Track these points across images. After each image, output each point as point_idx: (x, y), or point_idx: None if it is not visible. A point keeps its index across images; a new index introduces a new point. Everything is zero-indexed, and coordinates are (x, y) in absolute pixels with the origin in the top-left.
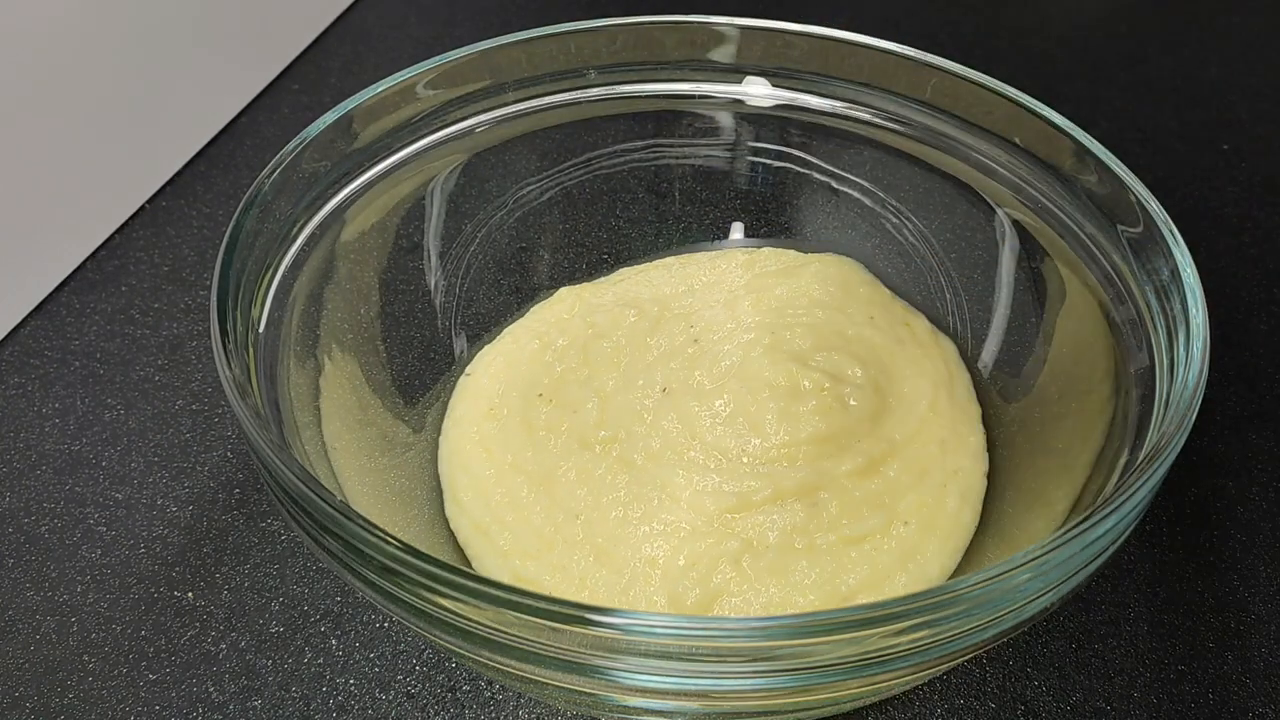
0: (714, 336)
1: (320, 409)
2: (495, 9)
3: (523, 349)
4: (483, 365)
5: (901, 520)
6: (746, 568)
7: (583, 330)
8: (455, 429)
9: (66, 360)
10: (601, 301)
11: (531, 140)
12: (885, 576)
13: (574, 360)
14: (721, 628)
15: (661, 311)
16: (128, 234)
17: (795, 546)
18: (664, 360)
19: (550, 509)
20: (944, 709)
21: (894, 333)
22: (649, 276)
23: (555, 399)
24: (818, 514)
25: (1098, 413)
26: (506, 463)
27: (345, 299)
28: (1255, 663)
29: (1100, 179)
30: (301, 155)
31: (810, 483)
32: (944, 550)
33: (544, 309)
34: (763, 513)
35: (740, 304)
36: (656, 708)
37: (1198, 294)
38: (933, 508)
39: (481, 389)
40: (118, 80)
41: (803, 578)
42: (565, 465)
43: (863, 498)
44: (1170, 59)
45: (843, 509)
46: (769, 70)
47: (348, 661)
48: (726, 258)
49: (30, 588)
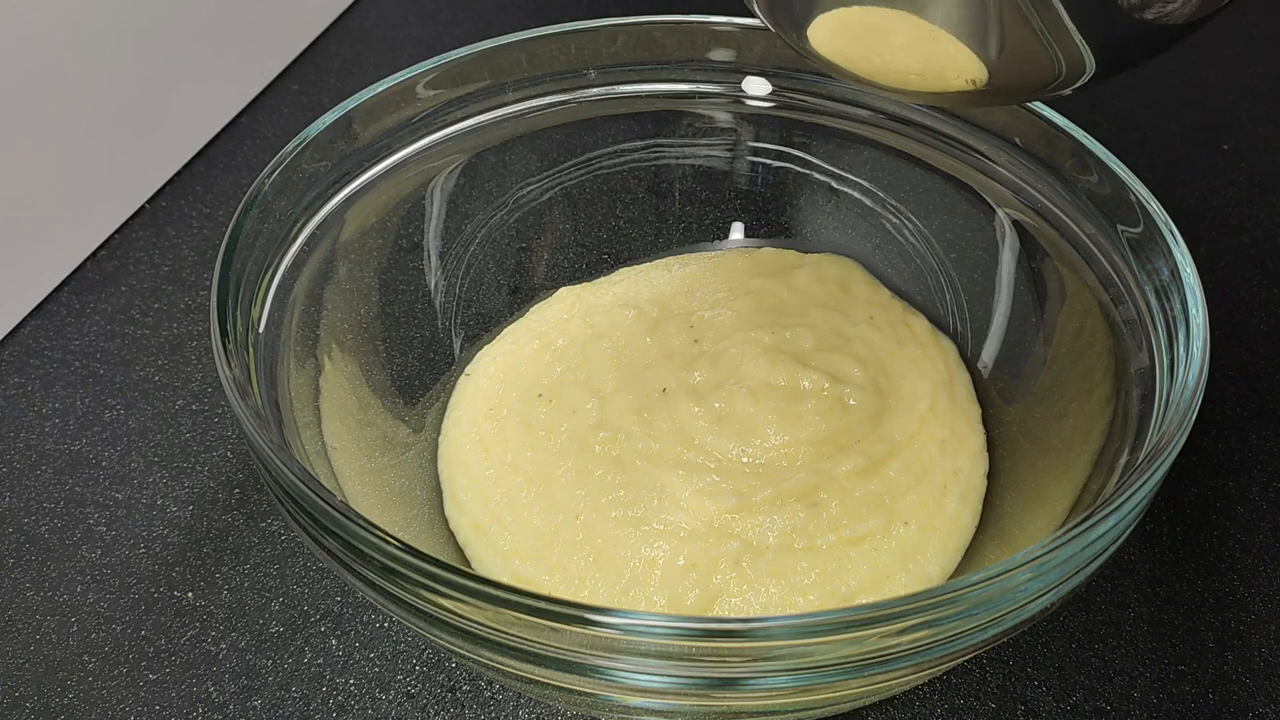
0: (714, 337)
1: (320, 409)
2: (495, 9)
3: (522, 349)
4: (482, 365)
5: (901, 520)
6: (746, 568)
7: (582, 330)
8: (455, 429)
9: (66, 360)
10: (601, 302)
11: (531, 140)
12: (885, 576)
13: (573, 360)
14: (721, 628)
15: (661, 312)
16: (128, 234)
17: (795, 547)
18: (664, 361)
19: (549, 510)
20: (944, 709)
21: (894, 333)
22: (649, 277)
23: (555, 399)
24: (818, 514)
25: (1098, 413)
26: (506, 463)
27: (345, 299)
28: (1255, 663)
29: (1100, 179)
30: (301, 155)
31: (810, 484)
32: (944, 550)
33: (544, 309)
34: (762, 513)
35: (740, 304)
36: (656, 708)
37: (1198, 294)
38: (933, 508)
39: (481, 389)
40: (118, 80)
41: (803, 578)
42: (564, 466)
43: (863, 498)
44: (1170, 59)
45: (843, 509)
46: (769, 70)
47: (348, 661)
48: (726, 258)
49: (30, 588)
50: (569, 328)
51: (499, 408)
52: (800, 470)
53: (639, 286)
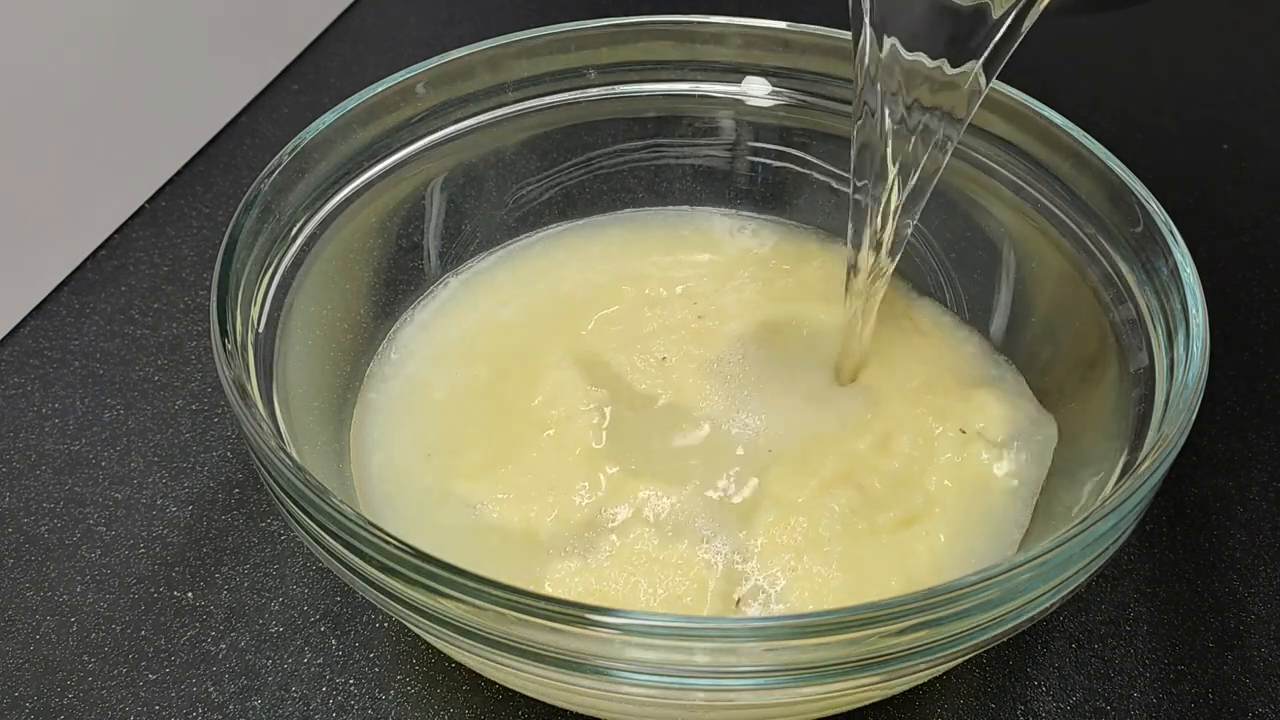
0: (718, 316)
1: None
2: (495, 9)
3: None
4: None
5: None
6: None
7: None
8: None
9: (66, 360)
10: (599, 279)
11: (531, 140)
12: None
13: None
14: (721, 628)
15: (664, 290)
16: (128, 234)
17: (858, 529)
18: (665, 332)
19: (567, 491)
20: (944, 709)
21: (897, 324)
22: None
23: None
24: (864, 496)
25: (1097, 413)
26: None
27: (345, 299)
28: (1255, 663)
29: (1100, 179)
30: (301, 155)
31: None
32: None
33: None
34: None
35: (746, 291)
36: (656, 706)
37: (1198, 294)
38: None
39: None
40: (118, 80)
41: (868, 563)
42: (577, 451)
43: (893, 473)
44: (1170, 59)
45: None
46: (769, 70)
47: (348, 661)
48: (731, 244)
49: (30, 588)
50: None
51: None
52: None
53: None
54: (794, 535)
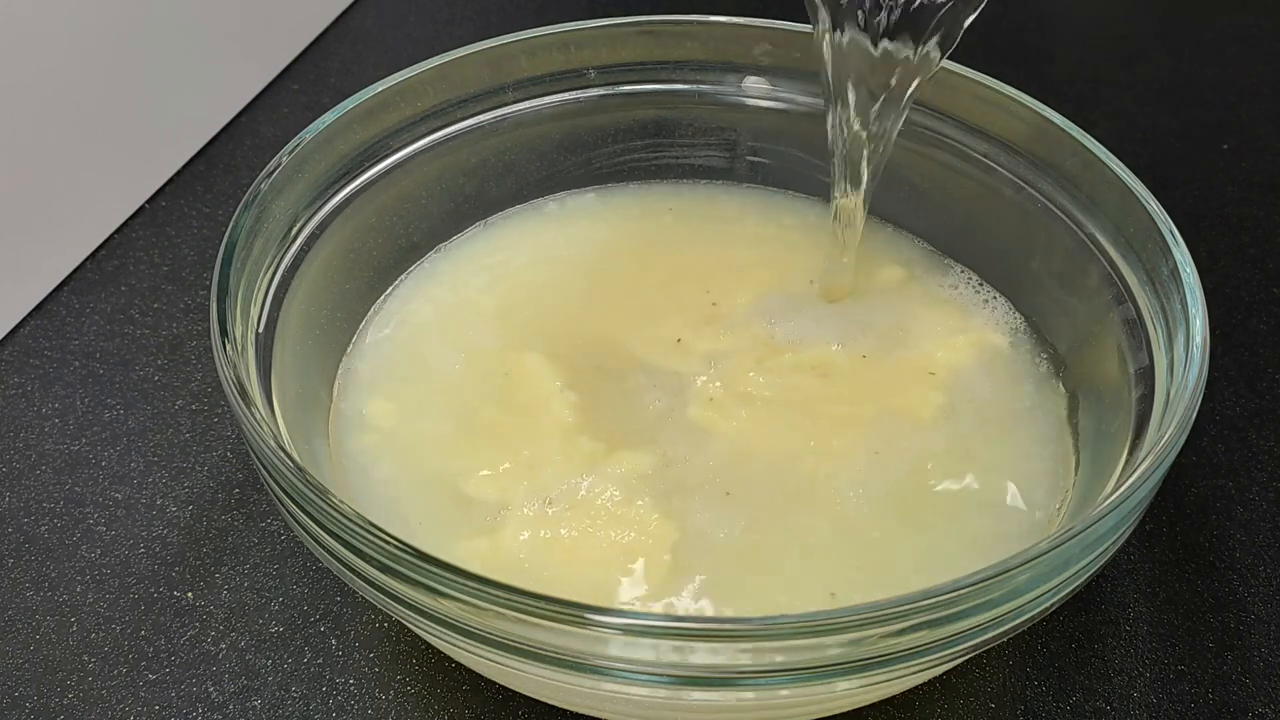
0: (732, 299)
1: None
2: (495, 9)
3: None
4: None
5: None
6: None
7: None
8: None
9: (66, 360)
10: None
11: (532, 140)
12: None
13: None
14: (721, 628)
15: (676, 269)
16: (127, 234)
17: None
18: (678, 312)
19: (570, 451)
20: (944, 709)
21: (906, 309)
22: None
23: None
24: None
25: (1097, 413)
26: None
27: (345, 299)
28: (1255, 663)
29: (1100, 179)
30: (301, 155)
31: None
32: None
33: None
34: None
35: (759, 276)
36: (655, 706)
37: (1197, 294)
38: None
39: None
40: (118, 80)
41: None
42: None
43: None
44: (1170, 59)
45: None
46: (769, 70)
47: (348, 661)
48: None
49: (30, 588)
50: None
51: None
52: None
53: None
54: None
